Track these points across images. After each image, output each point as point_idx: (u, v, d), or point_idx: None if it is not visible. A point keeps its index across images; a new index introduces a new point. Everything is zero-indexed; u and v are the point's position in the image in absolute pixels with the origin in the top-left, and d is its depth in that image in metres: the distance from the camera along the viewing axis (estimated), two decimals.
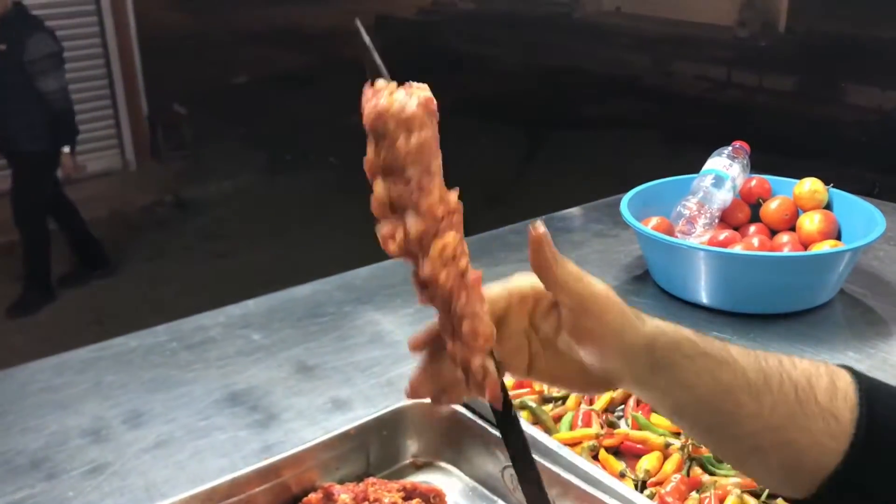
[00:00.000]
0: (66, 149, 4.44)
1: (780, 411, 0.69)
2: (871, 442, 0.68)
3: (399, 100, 0.61)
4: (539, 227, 0.68)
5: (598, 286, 0.70)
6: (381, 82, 0.63)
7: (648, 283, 1.63)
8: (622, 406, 1.20)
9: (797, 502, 0.72)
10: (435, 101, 0.63)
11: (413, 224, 0.62)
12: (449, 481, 1.07)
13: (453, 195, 0.65)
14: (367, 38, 0.66)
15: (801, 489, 0.70)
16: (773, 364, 0.71)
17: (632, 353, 0.69)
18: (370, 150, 0.63)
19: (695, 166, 1.76)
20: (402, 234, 0.63)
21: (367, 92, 0.63)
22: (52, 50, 4.33)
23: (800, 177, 1.72)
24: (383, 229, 0.64)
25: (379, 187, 0.63)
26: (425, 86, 0.64)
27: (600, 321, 0.69)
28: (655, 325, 0.71)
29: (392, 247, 0.64)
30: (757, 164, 1.78)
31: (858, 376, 0.71)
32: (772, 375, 0.70)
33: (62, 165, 4.47)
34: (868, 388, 0.70)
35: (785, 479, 0.71)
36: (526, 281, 0.73)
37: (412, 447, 1.10)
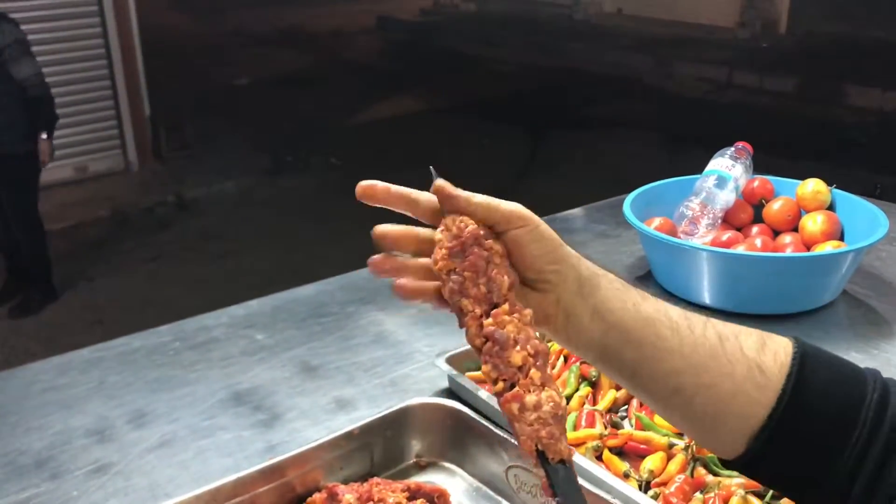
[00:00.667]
0: (44, 135, 4.38)
1: (701, 352, 0.70)
2: (796, 402, 0.68)
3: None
4: (437, 181, 0.71)
5: (514, 206, 0.72)
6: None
7: (651, 283, 1.63)
8: (626, 406, 1.20)
9: (727, 464, 0.73)
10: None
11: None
12: (453, 481, 1.07)
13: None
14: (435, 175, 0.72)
15: (728, 444, 0.71)
16: (699, 316, 0.73)
17: (561, 261, 0.71)
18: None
19: (695, 167, 1.76)
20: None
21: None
22: (17, 37, 4.25)
23: (800, 178, 1.72)
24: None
25: None
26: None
27: (527, 232, 0.71)
28: (580, 255, 0.74)
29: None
30: (758, 165, 1.78)
31: (800, 343, 0.72)
32: (695, 321, 0.72)
33: (40, 151, 4.39)
34: (806, 352, 0.70)
35: (711, 429, 0.72)
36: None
37: (416, 447, 1.10)
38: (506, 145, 6.98)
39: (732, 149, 1.73)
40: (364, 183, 0.73)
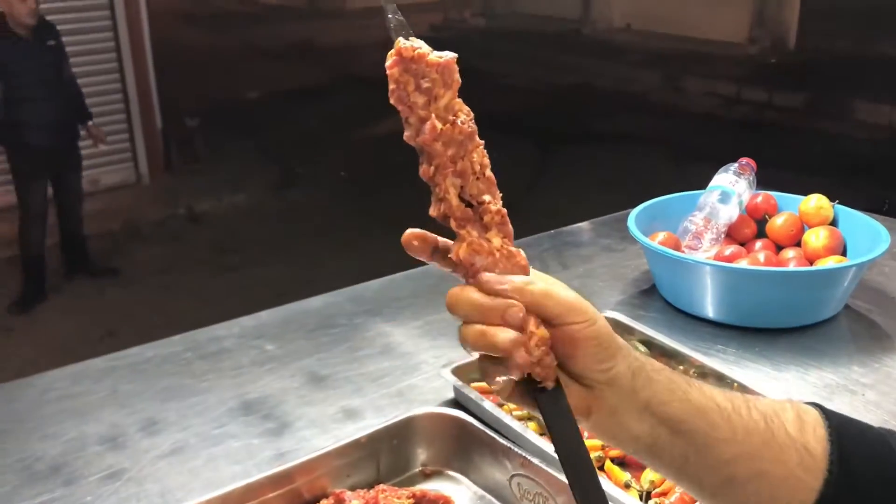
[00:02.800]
0: (90, 122, 4.91)
1: (753, 439, 0.68)
2: (845, 478, 0.67)
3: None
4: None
5: (572, 294, 0.67)
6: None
7: (655, 297, 1.65)
8: None
9: None
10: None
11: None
12: (457, 489, 1.09)
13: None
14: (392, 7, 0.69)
15: None
16: (736, 394, 0.70)
17: (616, 356, 0.67)
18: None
19: (704, 182, 1.78)
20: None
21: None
22: (55, 42, 4.69)
23: (809, 193, 1.73)
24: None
25: None
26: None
27: (584, 327, 0.66)
28: (628, 344, 0.70)
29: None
30: (767, 181, 1.80)
31: (825, 411, 0.71)
32: (738, 403, 0.69)
33: (93, 136, 4.98)
34: (837, 424, 0.69)
35: None
36: None
37: (422, 455, 1.12)
38: (514, 159, 7.01)
39: (736, 165, 1.75)
40: (413, 231, 0.68)
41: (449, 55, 0.66)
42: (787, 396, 1.19)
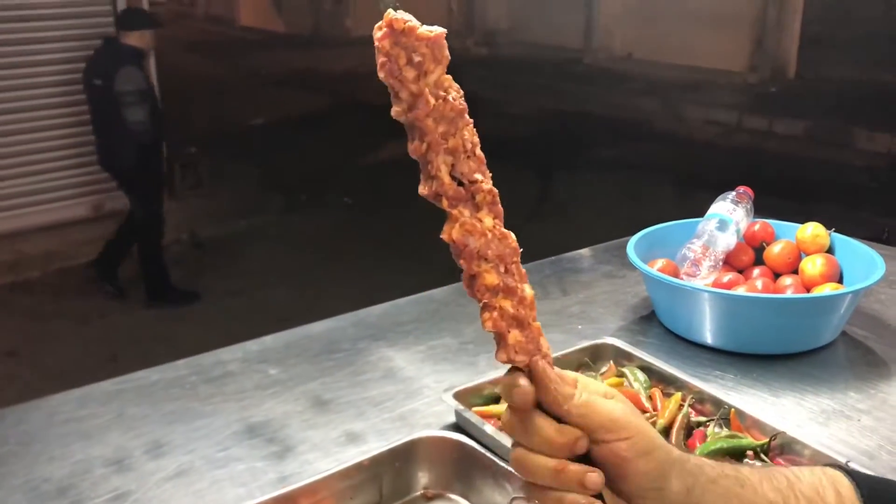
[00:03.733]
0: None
1: None
2: None
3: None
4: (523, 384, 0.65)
5: (609, 410, 0.65)
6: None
7: (654, 323, 1.67)
8: None
9: None
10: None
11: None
12: None
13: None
14: None
15: None
16: (782, 482, 0.70)
17: (667, 481, 0.65)
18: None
19: (705, 210, 1.80)
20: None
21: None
22: (140, 86, 4.92)
23: (809, 221, 1.75)
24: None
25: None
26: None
27: (630, 445, 0.64)
28: (677, 449, 0.69)
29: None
30: (768, 209, 1.83)
31: (855, 478, 0.72)
32: (788, 496, 0.69)
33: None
34: (869, 493, 0.71)
35: None
36: None
37: (423, 479, 1.14)
38: (516, 186, 7.06)
39: (734, 193, 1.78)
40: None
41: (439, 29, 0.64)
42: (784, 420, 1.21)
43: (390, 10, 0.62)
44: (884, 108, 8.57)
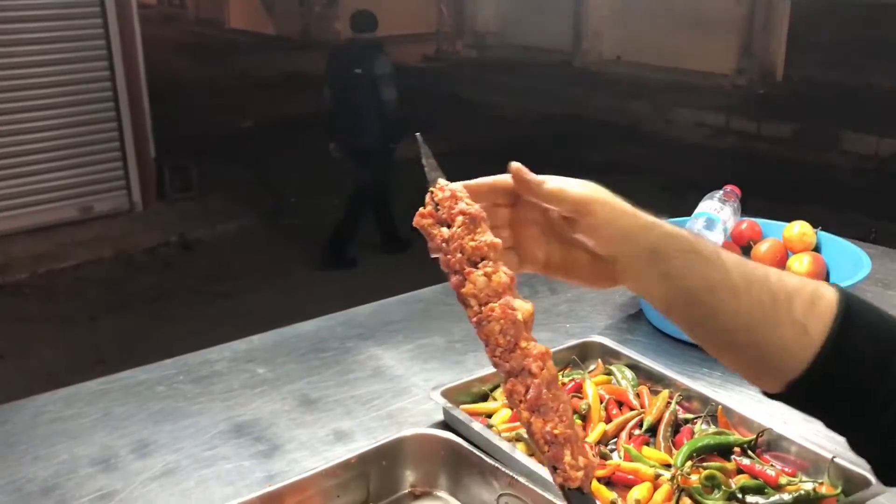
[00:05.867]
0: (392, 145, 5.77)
1: (755, 314, 0.76)
2: (838, 355, 0.75)
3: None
4: (513, 163, 0.78)
5: (583, 190, 0.76)
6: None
7: (642, 322, 1.67)
8: (615, 439, 1.23)
9: (769, 396, 0.80)
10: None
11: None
12: None
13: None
14: (425, 148, 0.79)
15: (771, 386, 0.78)
16: (759, 274, 0.78)
17: (633, 239, 0.77)
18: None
19: (692, 211, 1.80)
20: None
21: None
22: (389, 70, 5.65)
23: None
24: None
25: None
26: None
27: (597, 217, 0.76)
28: (652, 220, 0.79)
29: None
30: (756, 210, 1.83)
31: (846, 299, 0.77)
32: (754, 282, 0.77)
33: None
34: (850, 306, 0.76)
35: (756, 374, 0.80)
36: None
37: (411, 477, 1.14)
38: None
39: (721, 192, 1.78)
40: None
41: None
42: (770, 417, 1.22)
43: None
44: (871, 110, 8.63)
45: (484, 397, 1.30)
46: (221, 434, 1.29)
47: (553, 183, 0.77)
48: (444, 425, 1.26)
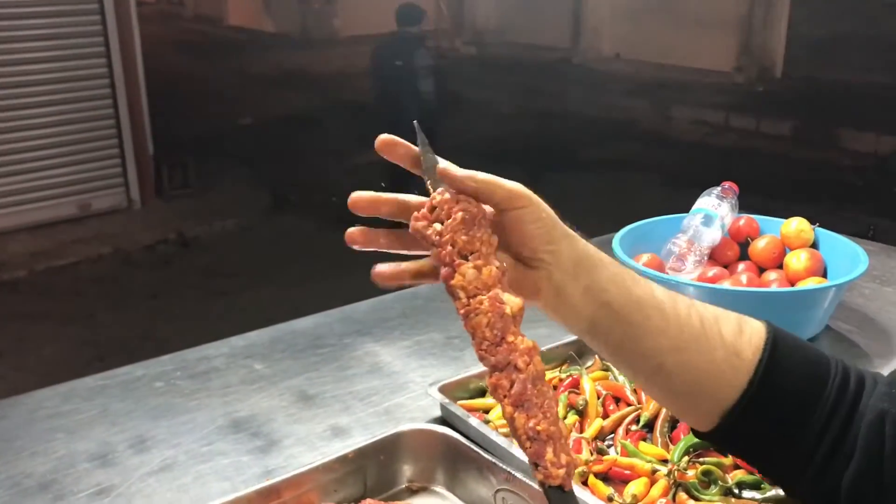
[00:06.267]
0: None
1: (684, 334, 0.75)
2: (768, 383, 0.74)
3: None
4: (440, 165, 0.76)
5: (515, 184, 0.75)
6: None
7: None
8: (612, 435, 1.24)
9: (701, 436, 0.78)
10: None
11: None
12: None
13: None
14: (422, 136, 0.78)
15: (703, 419, 0.76)
16: (683, 299, 0.78)
17: (557, 243, 0.75)
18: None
19: (690, 207, 1.80)
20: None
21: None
22: (429, 63, 5.83)
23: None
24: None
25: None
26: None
27: (526, 211, 0.74)
28: (576, 234, 0.78)
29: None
30: (755, 207, 1.83)
31: (772, 327, 0.77)
32: (680, 303, 0.77)
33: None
34: (776, 338, 0.76)
35: (687, 404, 0.78)
36: None
37: (408, 472, 1.14)
38: None
39: (719, 188, 1.78)
40: (385, 137, 0.78)
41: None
42: None
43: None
44: (869, 107, 8.63)
45: (481, 393, 1.31)
46: (219, 430, 1.29)
47: (484, 175, 0.74)
48: (442, 421, 1.26)
